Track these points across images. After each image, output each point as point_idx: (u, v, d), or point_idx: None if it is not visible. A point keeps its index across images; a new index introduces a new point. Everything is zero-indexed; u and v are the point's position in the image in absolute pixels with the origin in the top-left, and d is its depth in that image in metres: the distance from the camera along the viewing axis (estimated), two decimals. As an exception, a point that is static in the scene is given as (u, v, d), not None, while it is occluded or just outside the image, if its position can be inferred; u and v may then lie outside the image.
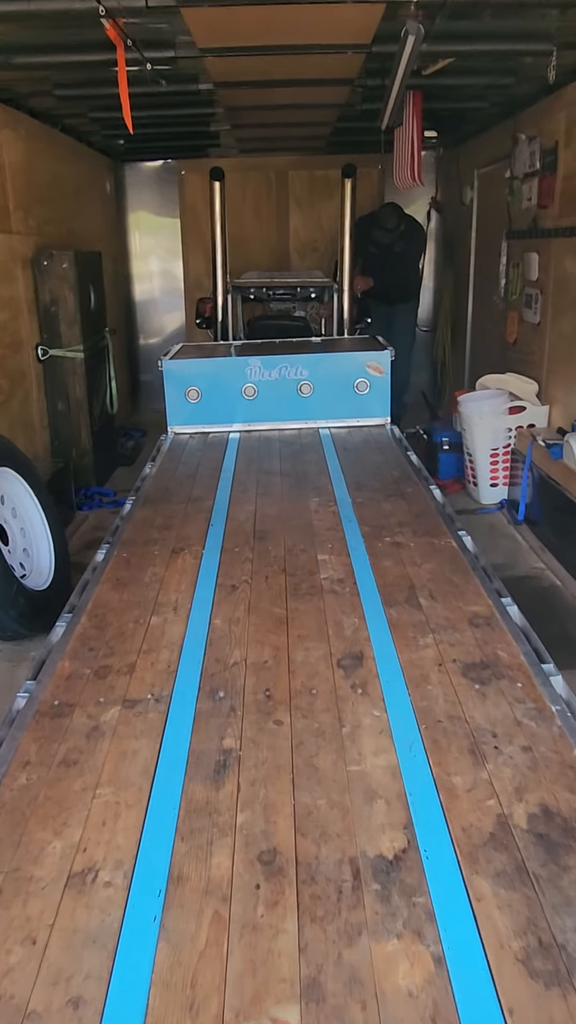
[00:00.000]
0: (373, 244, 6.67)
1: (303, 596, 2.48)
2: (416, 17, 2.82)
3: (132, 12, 2.93)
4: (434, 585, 2.53)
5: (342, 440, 4.44)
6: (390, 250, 6.70)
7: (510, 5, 3.30)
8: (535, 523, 4.38)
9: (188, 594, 2.52)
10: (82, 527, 4.76)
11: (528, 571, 3.94)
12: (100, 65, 3.59)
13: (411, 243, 6.79)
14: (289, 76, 4.08)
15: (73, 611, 2.44)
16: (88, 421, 5.16)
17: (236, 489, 3.60)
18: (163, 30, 3.38)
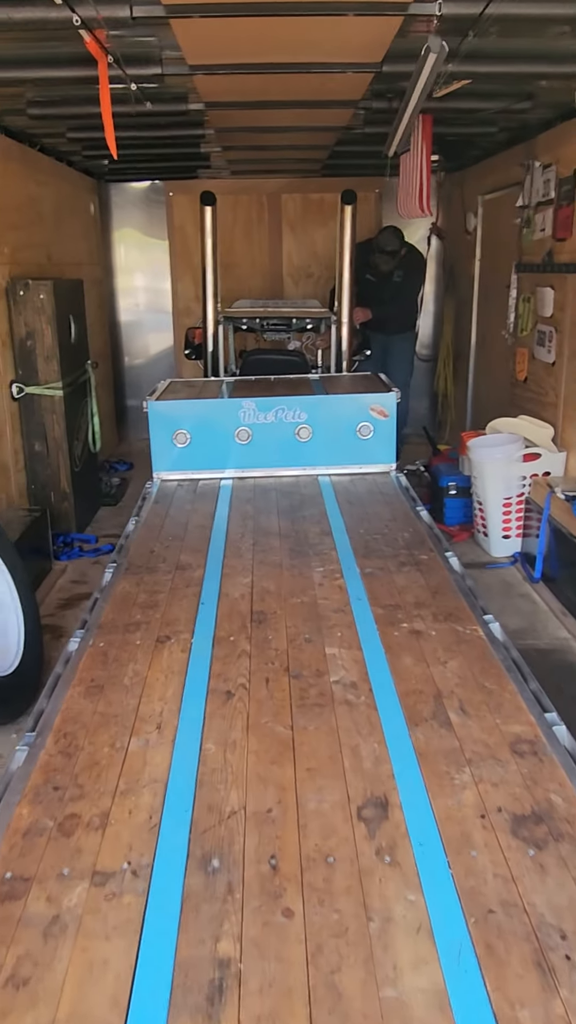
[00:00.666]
0: (371, 271, 6.35)
1: (311, 708, 2.10)
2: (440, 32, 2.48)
3: (115, 23, 2.58)
4: (464, 693, 2.15)
5: (344, 490, 4.07)
6: (389, 278, 6.39)
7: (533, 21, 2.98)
8: (553, 580, 4.02)
9: (175, 704, 2.13)
10: (60, 580, 4.37)
11: (551, 641, 3.57)
12: (78, 82, 3.24)
13: (411, 271, 6.49)
14: (288, 97, 3.75)
15: (38, 728, 2.05)
16: (67, 462, 4.77)
17: (229, 554, 3.21)
18: (149, 44, 3.02)
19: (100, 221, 7.24)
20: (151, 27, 2.90)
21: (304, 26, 2.72)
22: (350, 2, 2.50)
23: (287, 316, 5.74)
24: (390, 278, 6.45)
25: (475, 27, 2.47)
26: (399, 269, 6.47)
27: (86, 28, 2.47)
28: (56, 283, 4.54)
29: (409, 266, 6.52)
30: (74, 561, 4.59)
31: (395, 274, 6.46)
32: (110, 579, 3.02)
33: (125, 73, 3.01)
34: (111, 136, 2.99)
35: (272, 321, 5.79)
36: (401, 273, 6.48)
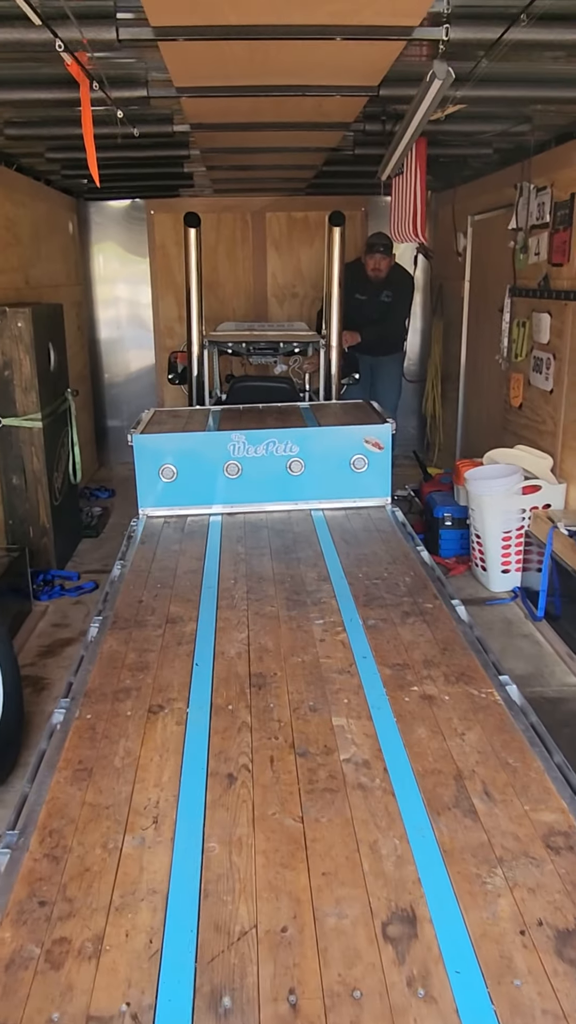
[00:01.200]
0: (360, 289, 6.20)
1: (322, 794, 1.92)
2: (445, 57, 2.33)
3: (100, 46, 2.40)
4: (486, 772, 1.98)
5: (339, 526, 3.90)
6: (377, 297, 6.26)
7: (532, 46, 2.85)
8: (557, 619, 3.87)
9: (172, 790, 1.94)
10: (40, 623, 4.15)
11: (560, 688, 3.42)
12: (59, 104, 3.06)
13: (400, 291, 6.36)
14: (279, 119, 3.59)
15: (20, 824, 1.85)
16: (47, 496, 4.56)
17: (223, 604, 3.03)
18: (134, 66, 2.85)
19: (79, 240, 7.04)
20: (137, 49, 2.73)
21: (299, 49, 2.56)
22: (350, 26, 2.35)
23: (275, 340, 5.58)
24: (379, 297, 6.31)
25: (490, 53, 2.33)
26: (387, 288, 6.33)
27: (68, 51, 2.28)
28: (35, 309, 4.34)
29: (398, 285, 6.39)
30: (55, 601, 4.38)
31: (383, 293, 6.33)
32: (96, 635, 2.82)
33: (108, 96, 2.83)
34: (93, 163, 2.81)
35: (259, 345, 5.63)
36: (390, 293, 6.35)
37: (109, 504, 6.28)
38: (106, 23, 2.26)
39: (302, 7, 2.17)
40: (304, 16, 2.23)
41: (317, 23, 2.27)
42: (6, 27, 2.26)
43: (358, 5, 2.18)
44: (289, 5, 2.14)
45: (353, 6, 2.18)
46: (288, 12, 2.19)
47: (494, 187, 5.31)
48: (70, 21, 2.27)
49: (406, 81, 2.98)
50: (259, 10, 2.16)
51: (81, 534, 5.40)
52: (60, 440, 4.89)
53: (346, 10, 2.19)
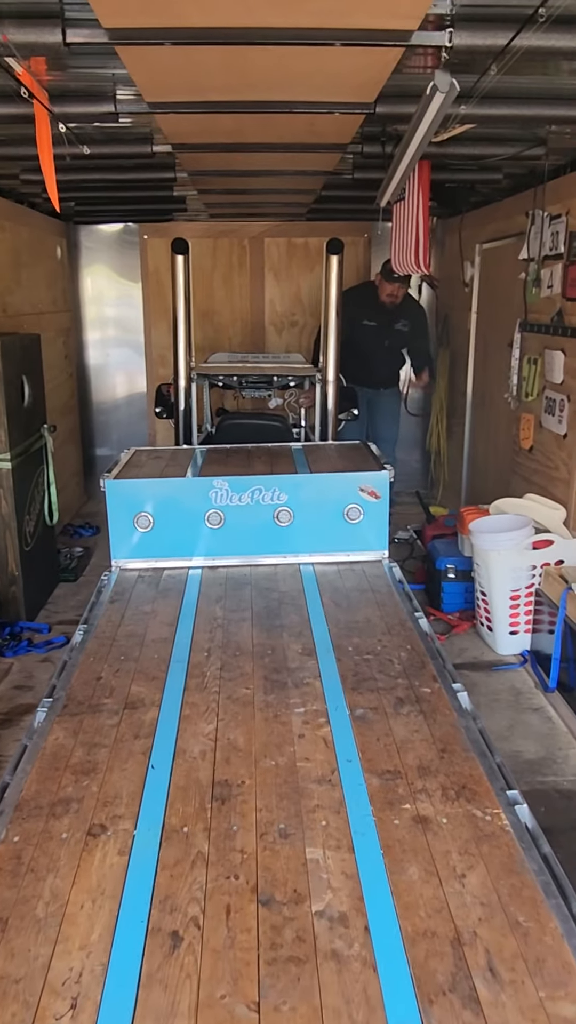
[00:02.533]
0: (368, 316, 5.86)
1: (285, 967, 1.54)
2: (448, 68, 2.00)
3: (47, 50, 2.08)
4: (491, 936, 1.60)
5: (330, 584, 3.54)
6: (391, 326, 5.93)
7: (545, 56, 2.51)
8: (571, 691, 3.49)
9: (101, 957, 1.56)
10: (1, 684, 3.78)
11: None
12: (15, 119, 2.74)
13: (417, 323, 6.05)
14: (266, 139, 3.28)
15: None
16: (16, 543, 4.21)
17: (192, 682, 2.66)
18: (97, 77, 2.53)
19: (69, 265, 6.76)
20: (101, 57, 2.41)
21: (281, 58, 2.24)
22: (337, 29, 2.02)
23: (267, 374, 5.24)
24: (393, 325, 5.99)
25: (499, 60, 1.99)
26: (403, 317, 6.01)
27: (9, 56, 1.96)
28: (5, 342, 4.02)
29: (414, 313, 6.10)
30: (21, 658, 4.01)
31: (400, 322, 6.01)
32: (42, 722, 2.45)
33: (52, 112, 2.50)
34: (52, 184, 2.50)
35: (251, 378, 5.30)
36: (407, 322, 6.03)
37: (92, 543, 5.93)
38: (51, 24, 1.94)
39: (279, 7, 1.85)
40: (282, 18, 1.91)
41: (298, 26, 1.95)
42: None
43: (346, 5, 1.86)
44: (262, 4, 1.81)
45: (340, 6, 1.86)
46: (262, 13, 1.87)
47: (504, 214, 4.99)
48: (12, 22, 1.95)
49: (406, 96, 2.66)
50: (227, 10, 1.84)
51: (58, 578, 5.05)
52: (35, 480, 4.55)
53: (331, 10, 1.86)
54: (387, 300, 5.83)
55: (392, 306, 5.85)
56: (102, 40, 1.98)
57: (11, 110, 2.77)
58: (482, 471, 5.83)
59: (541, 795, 2.84)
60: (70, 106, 2.67)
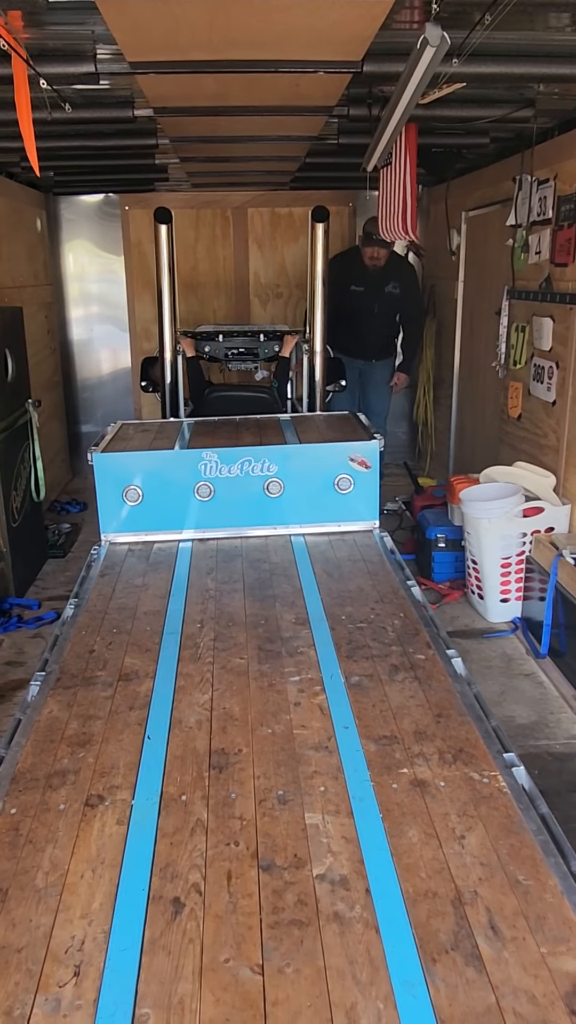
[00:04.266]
0: (357, 280, 5.75)
1: (288, 930, 1.54)
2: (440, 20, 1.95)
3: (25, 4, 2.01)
4: (491, 895, 1.61)
5: (321, 554, 3.53)
6: (381, 289, 5.76)
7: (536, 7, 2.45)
8: (562, 656, 3.51)
9: (102, 924, 1.56)
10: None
11: (568, 742, 3.04)
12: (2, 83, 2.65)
13: (408, 284, 5.83)
14: (251, 102, 3.20)
15: None
16: (4, 519, 4.17)
17: (185, 655, 2.64)
18: (76, 34, 2.46)
19: (49, 238, 6.63)
20: (80, 13, 2.34)
21: (266, 13, 2.18)
22: (325, -18, 1.96)
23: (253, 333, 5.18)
24: (383, 288, 5.78)
25: (493, 10, 1.94)
26: (393, 279, 5.76)
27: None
28: (-14, 314, 3.95)
29: (404, 274, 5.85)
30: (11, 634, 3.99)
31: (389, 284, 5.77)
32: (36, 696, 2.43)
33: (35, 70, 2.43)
34: (32, 148, 2.43)
35: (237, 350, 5.24)
36: (396, 284, 5.79)
37: (80, 519, 5.88)
38: (28, -26, 1.88)
39: (265, -44, 1.79)
40: (268, -32, 1.85)
41: (284, -23, 1.89)
42: None
43: (333, -47, 1.80)
44: (248, -48, 1.75)
45: (327, -46, 1.79)
46: (248, -38, 1.81)
47: (491, 180, 4.94)
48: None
49: (394, 55, 2.60)
50: (212, -41, 1.78)
51: (47, 554, 5.01)
52: (20, 455, 4.50)
53: (318, -41, 1.80)
54: (370, 263, 5.68)
55: (377, 269, 5.72)
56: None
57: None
58: (470, 441, 5.82)
59: (535, 758, 2.86)
60: (49, 66, 2.59)
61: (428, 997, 1.39)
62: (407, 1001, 1.38)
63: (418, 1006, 1.37)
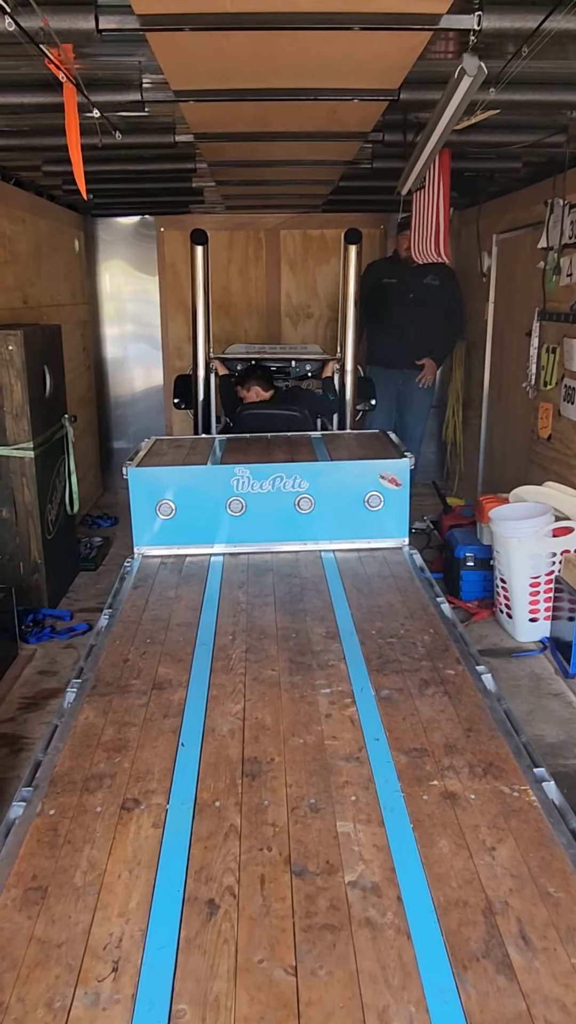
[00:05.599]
0: (388, 275, 5.63)
1: (320, 934, 1.57)
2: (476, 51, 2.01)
3: (79, 38, 2.11)
4: (522, 905, 1.63)
5: (351, 570, 3.56)
6: (418, 281, 5.55)
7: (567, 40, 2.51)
8: (591, 676, 3.50)
9: (139, 923, 1.60)
10: (26, 670, 3.83)
11: (597, 762, 3.04)
12: (47, 109, 2.77)
13: (448, 280, 5.60)
14: (289, 128, 3.29)
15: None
16: (39, 531, 4.26)
17: (218, 666, 2.69)
18: (127, 66, 2.56)
19: (87, 257, 6.79)
20: (128, 45, 2.44)
21: (308, 44, 2.26)
22: (366, 14, 2.04)
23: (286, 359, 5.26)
24: (420, 279, 5.56)
25: (530, 42, 2.01)
26: (431, 272, 5.43)
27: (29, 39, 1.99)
28: (27, 332, 4.05)
29: (443, 271, 5.53)
30: (44, 644, 4.06)
31: (427, 276, 5.53)
32: (72, 703, 2.49)
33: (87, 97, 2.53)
34: (80, 174, 2.52)
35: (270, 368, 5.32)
36: (436, 276, 5.52)
37: (111, 533, 5.97)
38: (84, 11, 1.97)
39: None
40: (312, 3, 1.92)
41: (327, 10, 1.97)
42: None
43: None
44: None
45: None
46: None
47: (522, 204, 4.99)
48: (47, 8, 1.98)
49: (430, 84, 2.67)
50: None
51: (79, 567, 5.10)
52: (56, 469, 4.60)
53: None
54: (404, 254, 5.51)
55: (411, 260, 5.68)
56: (133, 27, 2.00)
57: (37, 99, 2.81)
58: (499, 461, 5.83)
59: (564, 777, 2.86)
60: (97, 94, 2.69)
61: (459, 1003, 1.41)
62: (439, 1006, 1.40)
63: (450, 1011, 1.39)
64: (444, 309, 5.83)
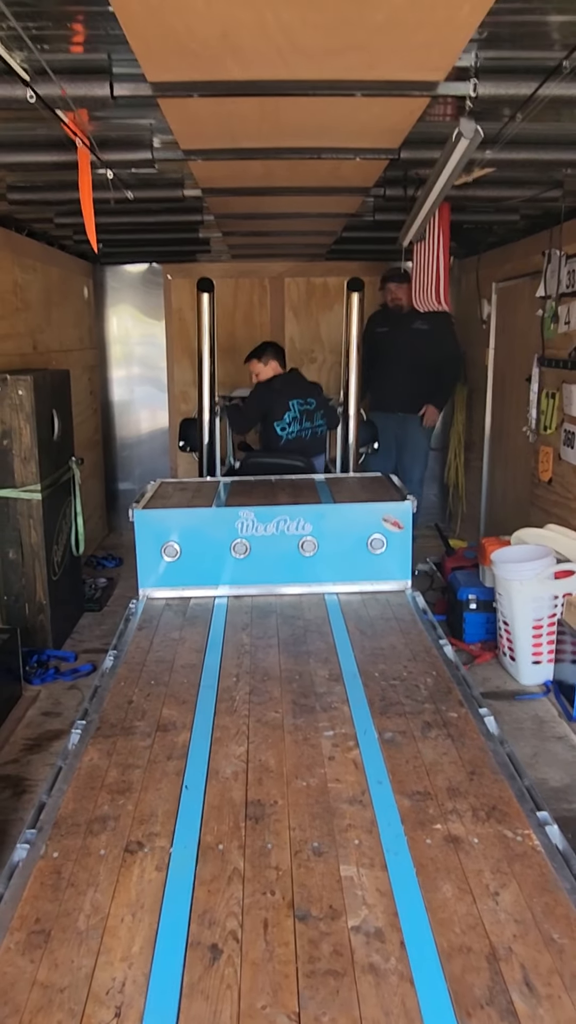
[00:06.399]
0: (382, 321, 5.82)
1: (324, 980, 1.56)
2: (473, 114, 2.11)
3: (95, 104, 2.21)
4: (526, 951, 1.62)
5: (354, 612, 3.58)
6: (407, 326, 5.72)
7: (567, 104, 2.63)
8: (594, 720, 3.50)
9: (142, 967, 1.60)
10: (30, 711, 3.83)
11: (602, 807, 3.03)
12: (60, 167, 2.89)
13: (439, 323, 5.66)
14: (293, 183, 3.42)
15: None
16: (44, 572, 4.29)
17: (222, 708, 2.70)
18: (139, 127, 2.68)
19: (95, 304, 6.95)
20: (140, 109, 2.55)
21: (312, 108, 2.37)
22: (366, 81, 2.14)
23: None
24: (408, 326, 5.74)
25: (524, 109, 2.11)
26: (421, 318, 5.49)
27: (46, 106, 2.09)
28: (37, 377, 4.15)
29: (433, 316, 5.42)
30: (48, 685, 4.07)
31: (416, 321, 5.66)
32: (76, 744, 2.50)
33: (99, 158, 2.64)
34: (91, 228, 2.62)
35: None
36: (425, 321, 5.59)
37: (116, 574, 6.00)
38: (100, 79, 2.08)
39: (312, 61, 1.97)
40: (315, 71, 2.03)
41: (330, 78, 2.07)
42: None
43: (375, 58, 1.98)
44: (298, 58, 1.94)
45: (369, 59, 1.97)
46: (297, 66, 1.99)
47: (520, 254, 5.12)
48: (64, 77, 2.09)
49: (429, 143, 2.78)
50: (265, 64, 1.96)
51: (83, 608, 5.12)
52: (62, 511, 4.65)
53: (361, 64, 1.98)
54: (391, 303, 5.83)
55: (399, 308, 5.82)
56: (146, 93, 2.11)
57: (52, 157, 2.93)
58: (500, 504, 5.88)
59: (567, 821, 2.84)
60: (109, 153, 2.82)
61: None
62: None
63: (454, 1060, 1.39)
64: (436, 353, 5.94)
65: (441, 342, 5.90)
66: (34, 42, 1.88)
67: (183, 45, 1.86)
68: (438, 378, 6.01)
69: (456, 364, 6.11)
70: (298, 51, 1.91)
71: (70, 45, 2.01)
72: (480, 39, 2.00)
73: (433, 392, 6.01)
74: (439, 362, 5.98)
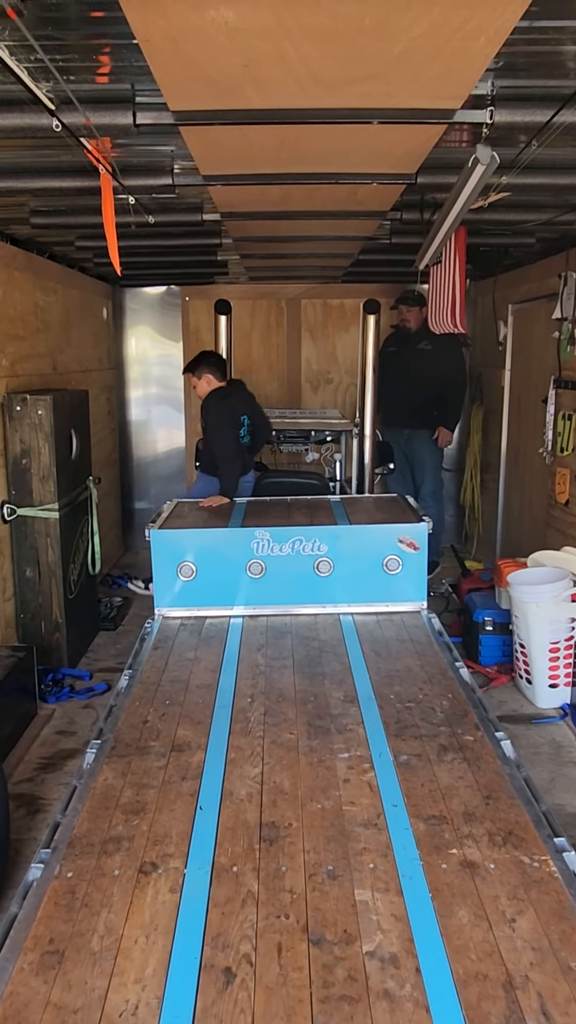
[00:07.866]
0: (392, 344, 5.93)
1: (338, 1005, 1.55)
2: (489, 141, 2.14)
3: (117, 132, 2.26)
4: (543, 980, 1.60)
5: (370, 634, 3.58)
6: (413, 346, 5.86)
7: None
8: (613, 745, 3.46)
9: (155, 990, 1.59)
10: (44, 729, 3.84)
11: (621, 834, 2.97)
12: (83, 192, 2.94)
13: (443, 343, 5.66)
14: (311, 207, 3.45)
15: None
16: (61, 590, 4.32)
17: (236, 729, 2.70)
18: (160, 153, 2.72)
19: (114, 325, 7.03)
20: (161, 136, 2.60)
21: (330, 135, 2.40)
22: (384, 109, 2.18)
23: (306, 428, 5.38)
24: (414, 346, 5.88)
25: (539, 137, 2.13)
26: (425, 339, 5.67)
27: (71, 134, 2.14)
28: (56, 397, 4.19)
29: (437, 339, 5.48)
30: (63, 704, 4.07)
31: (421, 343, 5.79)
32: (91, 764, 2.51)
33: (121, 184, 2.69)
34: (115, 252, 2.66)
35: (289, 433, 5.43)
36: (428, 342, 5.70)
37: (131, 593, 6.01)
38: (123, 108, 2.12)
39: (331, 90, 2.01)
40: (333, 99, 2.06)
41: (348, 107, 2.11)
42: (16, 112, 2.12)
43: (392, 87, 2.01)
44: (317, 88, 1.97)
45: (387, 88, 2.01)
46: (316, 95, 2.03)
47: (536, 276, 5.14)
48: (89, 106, 2.14)
49: (446, 168, 2.81)
50: (284, 93, 2.00)
51: (98, 627, 5.13)
52: (79, 530, 4.68)
53: (379, 92, 2.02)
54: (401, 324, 5.98)
55: (408, 329, 5.97)
56: (168, 122, 2.15)
57: (75, 183, 2.98)
58: (516, 525, 5.86)
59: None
60: (131, 179, 2.87)
61: None
62: None
63: None
64: (438, 372, 5.98)
65: (442, 362, 5.95)
66: (60, 73, 1.93)
67: (205, 75, 1.90)
68: (442, 398, 6.05)
69: (456, 388, 6.16)
70: (317, 81, 1.94)
71: (95, 76, 2.06)
72: (496, 68, 2.03)
73: (440, 413, 6.06)
74: (441, 381, 6.04)
